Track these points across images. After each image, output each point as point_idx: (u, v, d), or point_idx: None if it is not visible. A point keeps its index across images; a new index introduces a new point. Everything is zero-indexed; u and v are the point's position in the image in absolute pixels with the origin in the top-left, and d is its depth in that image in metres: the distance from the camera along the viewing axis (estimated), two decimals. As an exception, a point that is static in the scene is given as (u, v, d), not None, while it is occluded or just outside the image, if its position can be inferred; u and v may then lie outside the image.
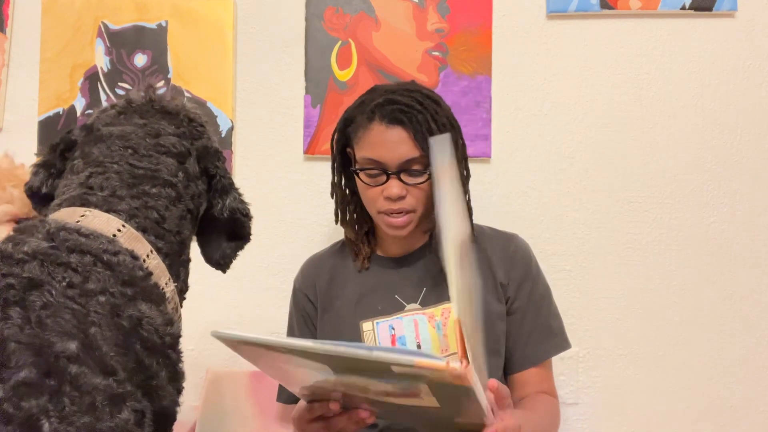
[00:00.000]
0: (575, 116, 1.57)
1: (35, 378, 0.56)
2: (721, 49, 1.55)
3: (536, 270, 1.29)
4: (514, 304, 1.25)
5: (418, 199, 1.18)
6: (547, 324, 1.27)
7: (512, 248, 1.28)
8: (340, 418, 0.91)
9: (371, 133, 1.18)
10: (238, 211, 0.91)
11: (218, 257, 0.93)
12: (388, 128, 1.16)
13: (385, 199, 1.18)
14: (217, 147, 0.93)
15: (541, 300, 1.28)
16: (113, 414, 0.59)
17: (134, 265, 0.71)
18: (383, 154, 1.16)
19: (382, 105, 1.18)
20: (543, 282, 1.30)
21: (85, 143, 0.84)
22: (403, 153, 1.15)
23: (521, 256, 1.28)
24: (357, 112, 1.21)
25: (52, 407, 0.55)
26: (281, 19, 1.62)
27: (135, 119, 0.86)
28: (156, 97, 0.90)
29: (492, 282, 1.24)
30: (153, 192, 0.79)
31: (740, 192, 1.55)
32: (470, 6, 1.57)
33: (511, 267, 1.26)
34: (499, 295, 1.24)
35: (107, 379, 0.60)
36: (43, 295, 0.61)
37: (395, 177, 1.16)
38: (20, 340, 0.57)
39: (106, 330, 0.64)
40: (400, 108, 1.16)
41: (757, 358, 1.53)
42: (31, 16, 1.64)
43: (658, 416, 1.54)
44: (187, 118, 0.90)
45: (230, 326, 1.59)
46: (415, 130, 1.15)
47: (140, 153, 0.81)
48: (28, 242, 0.67)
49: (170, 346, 0.72)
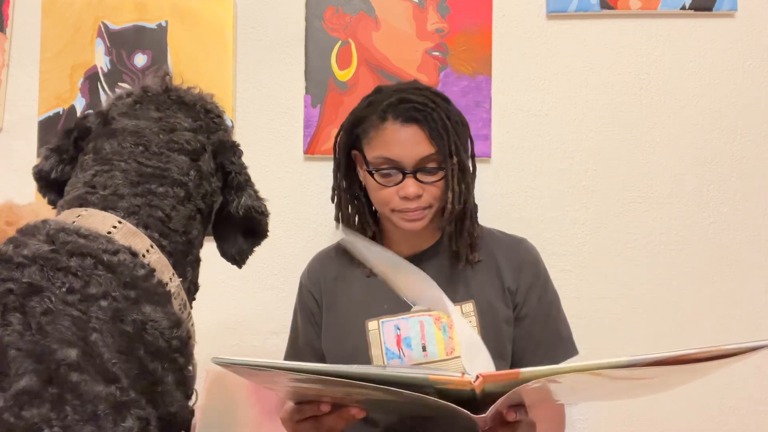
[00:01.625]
0: (575, 116, 1.57)
1: (36, 386, 0.54)
2: (721, 49, 1.55)
3: (545, 276, 1.28)
4: (523, 310, 1.24)
5: (433, 196, 1.18)
6: (556, 331, 1.26)
7: (521, 253, 1.28)
8: (330, 416, 0.91)
9: (385, 132, 1.17)
10: (253, 209, 0.89)
11: (234, 252, 0.92)
12: (403, 126, 1.16)
13: (402, 199, 1.17)
14: (234, 141, 0.91)
15: (550, 306, 1.27)
16: (116, 422, 0.58)
17: (135, 264, 0.69)
18: (399, 152, 1.15)
19: (395, 104, 1.17)
20: (552, 288, 1.29)
21: (99, 135, 0.82)
22: (420, 151, 1.15)
23: (530, 262, 1.27)
24: (367, 112, 1.21)
25: (54, 416, 0.54)
26: (281, 19, 1.62)
27: (151, 111, 0.84)
28: (173, 86, 0.88)
29: (500, 287, 1.24)
30: (159, 191, 0.77)
31: (740, 192, 1.55)
32: (470, 6, 1.57)
33: (519, 272, 1.25)
34: (506, 299, 1.23)
35: (109, 386, 0.59)
36: (43, 301, 0.60)
37: (411, 176, 1.16)
38: (20, 347, 0.56)
39: (108, 336, 0.62)
40: (414, 106, 1.16)
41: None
42: (31, 16, 1.64)
43: (658, 416, 1.54)
44: (204, 109, 0.88)
45: (230, 326, 1.59)
46: (430, 128, 1.15)
47: (151, 150, 0.79)
48: (29, 245, 0.66)
49: (177, 349, 0.70)
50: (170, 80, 0.89)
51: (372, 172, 1.19)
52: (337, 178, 1.27)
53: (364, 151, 1.21)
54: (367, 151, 1.20)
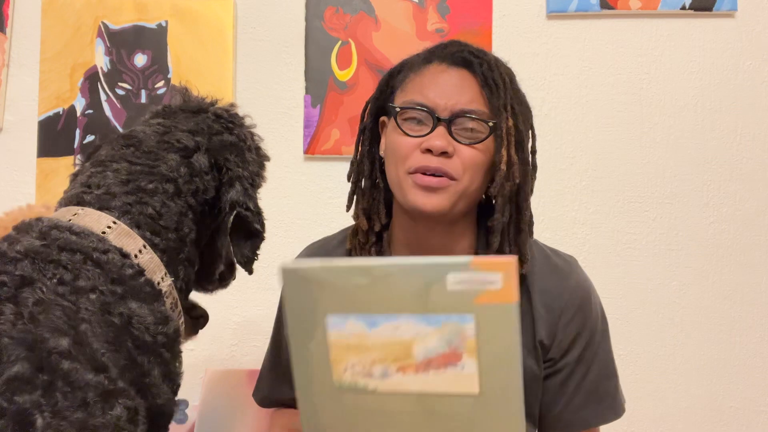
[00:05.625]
0: (575, 116, 1.57)
1: (28, 373, 0.56)
2: (721, 49, 1.55)
3: (593, 323, 1.00)
4: (557, 365, 0.99)
5: (465, 165, 0.89)
6: (595, 386, 1.00)
7: (565, 296, 0.97)
8: None
9: (425, 74, 0.93)
10: (237, 204, 0.84)
11: (239, 257, 0.89)
12: (449, 68, 0.93)
13: (423, 153, 0.89)
14: (237, 141, 0.88)
15: (594, 359, 1.00)
16: (105, 410, 0.59)
17: (123, 264, 0.70)
18: (436, 95, 0.90)
19: (444, 46, 0.96)
20: (600, 334, 1.01)
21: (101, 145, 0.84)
22: (463, 100, 0.90)
23: (575, 310, 0.97)
24: (409, 59, 0.98)
25: (45, 402, 0.55)
26: (281, 19, 1.62)
27: (157, 120, 0.85)
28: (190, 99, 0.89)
29: (531, 336, 0.97)
30: (149, 188, 0.78)
31: (740, 192, 1.55)
32: (470, 6, 1.57)
33: (557, 326, 0.97)
34: (537, 355, 0.98)
35: (99, 375, 0.60)
36: (35, 292, 0.62)
37: (444, 126, 0.89)
38: (13, 336, 0.57)
39: (97, 327, 0.64)
40: (469, 50, 0.94)
41: (757, 358, 1.53)
42: (31, 16, 1.64)
43: (658, 416, 1.53)
44: (214, 114, 0.88)
45: (230, 326, 1.59)
46: (484, 77, 0.91)
47: (142, 150, 0.81)
48: (21, 241, 0.68)
49: (163, 344, 0.71)
50: (189, 94, 0.90)
51: (396, 116, 0.92)
52: (358, 150, 1.02)
53: (394, 103, 0.95)
54: (399, 98, 0.94)
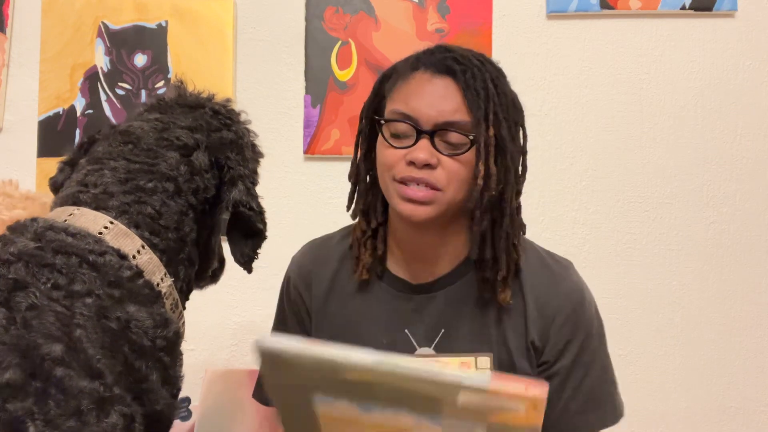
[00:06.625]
0: (575, 116, 1.57)
1: (20, 380, 0.54)
2: (721, 49, 1.55)
3: (588, 327, 0.99)
4: (552, 369, 0.98)
5: (450, 176, 0.91)
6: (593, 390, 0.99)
7: (558, 299, 0.98)
8: None
9: (410, 83, 0.94)
10: (240, 204, 0.83)
11: (239, 256, 0.88)
12: (433, 77, 0.93)
13: (408, 165, 0.91)
14: (236, 139, 0.88)
15: (590, 364, 0.99)
16: (100, 418, 0.58)
17: (121, 266, 0.69)
18: (418, 106, 0.91)
19: (431, 52, 0.96)
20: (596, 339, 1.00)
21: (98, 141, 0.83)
22: (445, 109, 0.90)
23: (568, 314, 0.98)
24: (399, 64, 0.99)
25: (37, 410, 0.54)
26: (281, 19, 1.62)
27: (154, 115, 0.83)
28: (186, 93, 0.87)
29: (523, 337, 0.98)
30: (148, 187, 0.76)
31: (740, 192, 1.55)
32: (470, 6, 1.57)
33: (551, 325, 0.97)
34: (530, 356, 0.98)
35: (93, 382, 0.59)
36: (29, 297, 0.60)
37: (427, 138, 0.90)
38: (5, 341, 0.56)
39: (92, 332, 0.62)
40: (453, 56, 0.94)
41: (757, 358, 1.53)
42: (31, 16, 1.64)
43: (658, 416, 1.53)
44: (212, 110, 0.87)
45: (230, 326, 1.59)
46: (467, 85, 0.91)
47: (140, 147, 0.79)
48: (16, 243, 0.66)
49: (163, 348, 0.69)
50: (184, 88, 0.89)
51: (381, 125, 0.95)
52: (357, 152, 1.03)
53: (384, 110, 0.97)
54: (387, 109, 0.97)
